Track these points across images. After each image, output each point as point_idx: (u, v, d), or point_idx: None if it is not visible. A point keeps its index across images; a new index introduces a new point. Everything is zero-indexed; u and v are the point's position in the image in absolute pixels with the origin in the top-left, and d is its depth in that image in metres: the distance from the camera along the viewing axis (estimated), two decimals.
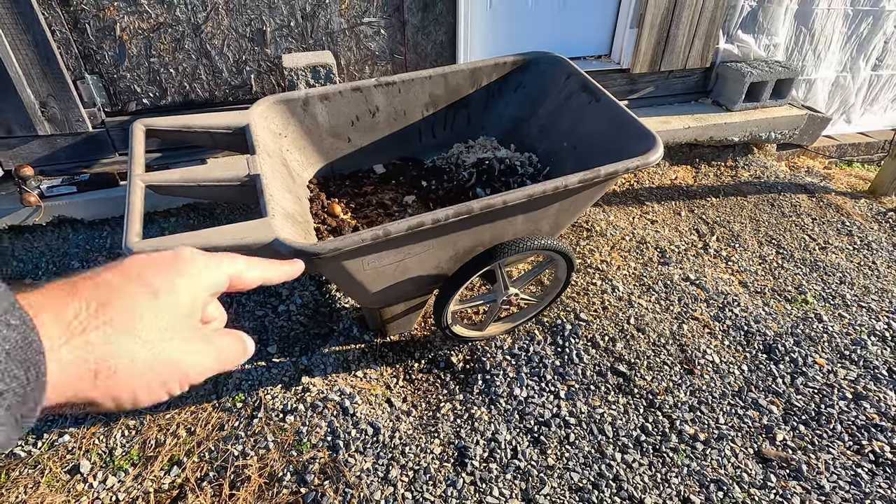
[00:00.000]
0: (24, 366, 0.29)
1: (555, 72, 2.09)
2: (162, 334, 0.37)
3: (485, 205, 1.43)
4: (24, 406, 0.30)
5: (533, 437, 1.69)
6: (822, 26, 3.25)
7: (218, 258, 0.43)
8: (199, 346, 0.39)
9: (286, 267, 0.50)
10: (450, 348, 1.96)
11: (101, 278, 0.37)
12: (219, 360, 0.41)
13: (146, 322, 0.36)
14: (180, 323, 0.38)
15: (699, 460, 1.66)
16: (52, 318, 0.32)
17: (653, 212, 2.71)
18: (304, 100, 1.86)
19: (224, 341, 0.42)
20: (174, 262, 0.40)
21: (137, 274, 0.38)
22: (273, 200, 1.44)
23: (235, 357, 0.43)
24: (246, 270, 0.45)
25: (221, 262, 0.43)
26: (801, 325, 2.15)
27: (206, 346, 0.40)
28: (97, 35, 2.08)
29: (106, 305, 0.35)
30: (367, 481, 1.53)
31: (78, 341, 0.33)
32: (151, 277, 0.38)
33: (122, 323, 0.35)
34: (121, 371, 0.34)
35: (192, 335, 0.39)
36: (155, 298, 0.37)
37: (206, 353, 0.40)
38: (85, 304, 0.34)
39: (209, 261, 0.42)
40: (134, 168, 1.45)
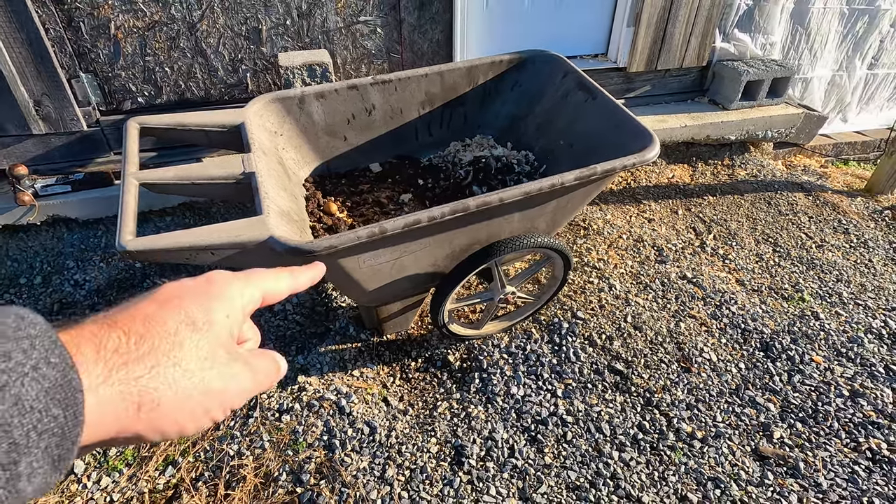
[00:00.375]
0: (62, 405, 0.29)
1: (551, 70, 2.08)
2: (202, 363, 0.37)
3: (481, 202, 1.42)
4: (62, 447, 0.29)
5: (530, 435, 1.68)
6: (819, 25, 3.25)
7: (249, 277, 0.44)
8: (238, 370, 0.39)
9: (311, 272, 0.50)
10: (446, 347, 1.96)
11: (138, 310, 0.37)
12: (256, 381, 0.41)
13: (186, 352, 0.36)
14: (219, 350, 0.38)
15: (696, 458, 1.65)
16: (92, 352, 0.32)
17: (650, 210, 2.71)
18: (300, 98, 1.85)
19: (260, 363, 0.42)
20: (208, 287, 0.40)
21: (174, 304, 0.38)
22: (268, 198, 1.43)
23: (271, 378, 0.43)
24: (275, 284, 0.46)
25: (253, 281, 0.44)
26: (797, 322, 2.15)
27: (244, 370, 0.40)
28: (91, 33, 2.07)
29: (145, 337, 0.35)
30: (364, 481, 1.53)
31: (119, 375, 0.33)
32: (189, 307, 0.38)
33: (162, 354, 0.35)
34: (164, 403, 0.34)
35: (231, 360, 0.39)
36: (194, 329, 0.37)
37: (244, 376, 0.40)
38: (124, 336, 0.34)
39: (243, 282, 0.43)
40: (128, 166, 1.44)
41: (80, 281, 2.11)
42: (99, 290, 2.07)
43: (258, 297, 0.44)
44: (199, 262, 1.31)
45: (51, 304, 2.01)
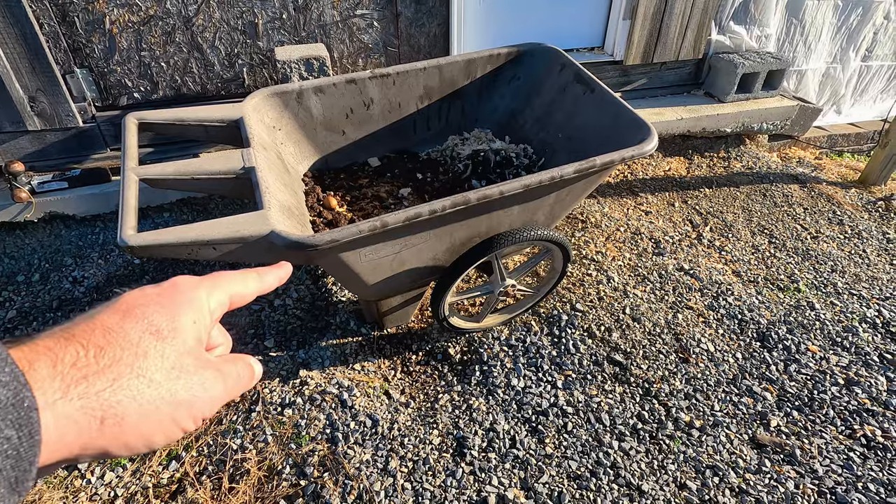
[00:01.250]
0: (15, 425, 0.28)
1: (549, 63, 2.09)
2: (168, 373, 0.35)
3: (482, 195, 1.43)
4: (18, 469, 0.28)
5: (531, 426, 1.70)
6: (813, 17, 3.27)
7: (216, 280, 0.43)
8: (208, 378, 0.38)
9: (278, 272, 0.49)
10: (447, 340, 1.97)
11: (97, 321, 0.35)
12: (227, 388, 0.40)
13: (150, 362, 0.35)
14: (186, 358, 0.37)
15: (695, 447, 1.68)
16: (47, 367, 0.31)
17: (647, 203, 2.73)
18: (299, 92, 1.85)
19: (231, 368, 0.41)
20: (173, 294, 0.39)
21: (137, 313, 0.36)
22: (269, 193, 1.43)
23: (243, 383, 0.42)
24: (243, 286, 0.45)
25: (220, 284, 0.43)
26: (793, 313, 2.17)
27: (213, 377, 0.39)
28: (86, 28, 2.06)
29: (105, 349, 0.33)
30: (367, 473, 1.54)
31: (79, 390, 0.31)
32: (152, 315, 0.37)
33: (125, 365, 0.33)
34: (129, 416, 0.33)
35: (199, 367, 0.38)
36: (159, 338, 0.36)
37: (214, 384, 0.38)
38: (83, 349, 0.33)
39: (209, 285, 0.42)
40: (127, 161, 1.44)
41: (78, 278, 2.10)
42: (98, 287, 2.07)
43: (226, 300, 0.43)
44: (200, 257, 1.31)
45: (49, 302, 2.00)
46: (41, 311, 1.97)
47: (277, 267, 0.50)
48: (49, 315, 1.96)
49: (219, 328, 0.45)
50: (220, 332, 0.46)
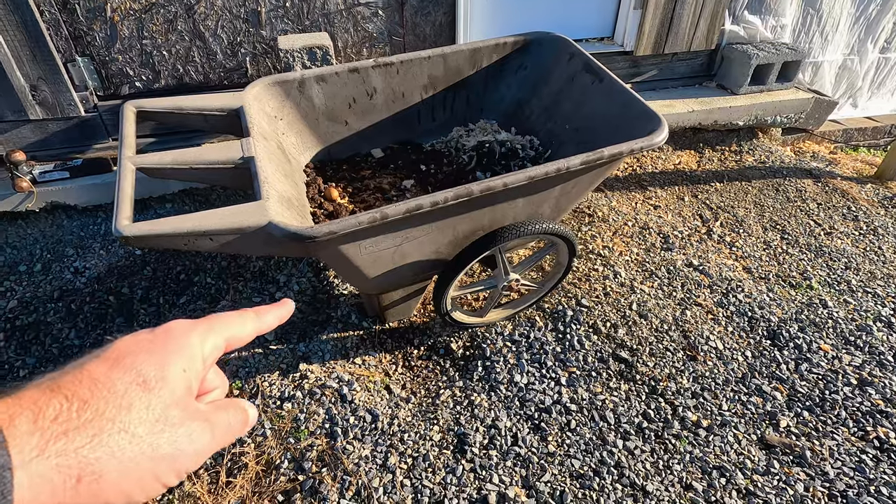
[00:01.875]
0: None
1: (557, 52, 2.03)
2: (152, 427, 0.34)
3: (485, 187, 1.39)
4: None
5: (533, 423, 1.67)
6: (830, 7, 3.17)
7: (212, 323, 0.42)
8: (194, 430, 0.37)
9: (278, 311, 0.48)
10: (449, 335, 1.94)
11: (85, 372, 0.34)
12: (216, 439, 0.39)
13: (135, 415, 0.34)
14: (173, 410, 0.36)
15: (702, 447, 1.64)
16: (28, 422, 0.30)
17: (656, 197, 2.67)
18: (300, 81, 1.81)
19: (222, 417, 0.40)
20: (165, 340, 0.38)
21: (126, 363, 0.35)
22: (268, 183, 1.40)
23: (234, 431, 0.41)
24: (240, 329, 0.44)
25: (216, 327, 0.42)
26: (805, 310, 2.12)
27: (201, 428, 0.37)
28: (87, 16, 2.03)
29: (89, 402, 0.32)
30: (366, 468, 1.52)
31: (57, 446, 0.30)
32: (141, 365, 0.36)
33: (107, 420, 0.32)
34: (107, 473, 0.32)
35: (186, 419, 0.37)
36: (145, 389, 0.35)
37: (201, 436, 0.37)
38: (66, 402, 0.32)
39: (204, 329, 0.41)
40: (124, 150, 1.41)
41: (80, 268, 2.09)
42: (99, 278, 2.06)
43: (221, 344, 0.42)
44: (197, 248, 1.29)
45: (51, 292, 2.00)
46: (42, 302, 1.96)
47: (278, 306, 0.48)
48: (50, 305, 1.95)
49: (215, 371, 0.44)
50: (216, 374, 0.45)
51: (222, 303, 1.98)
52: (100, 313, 1.94)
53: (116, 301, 1.98)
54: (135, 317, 1.94)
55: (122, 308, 1.96)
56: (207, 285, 2.04)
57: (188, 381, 0.38)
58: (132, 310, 1.95)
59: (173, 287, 2.03)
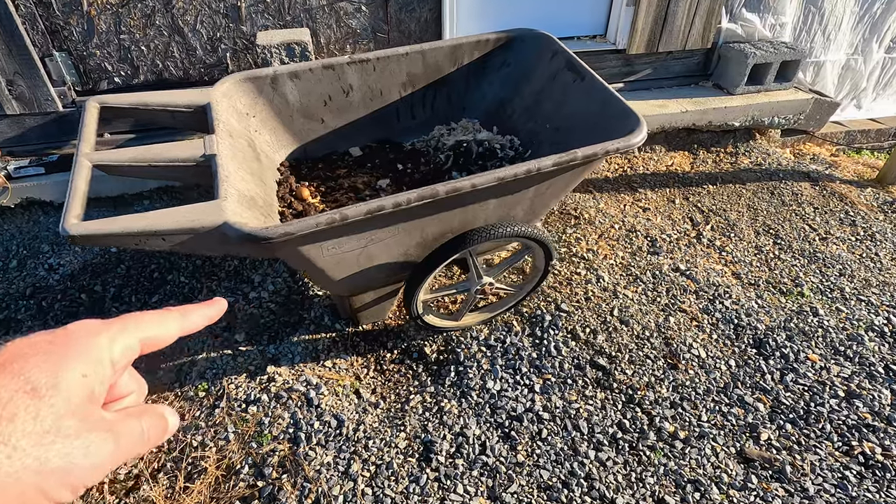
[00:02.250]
0: None
1: (540, 50, 1.98)
2: (40, 438, 0.31)
3: (451, 188, 1.35)
4: None
5: (503, 432, 1.62)
6: (833, 5, 3.08)
7: (125, 324, 0.38)
8: (93, 441, 0.33)
9: (208, 310, 0.44)
10: (424, 339, 1.89)
11: None
12: (120, 450, 0.35)
13: (18, 426, 0.30)
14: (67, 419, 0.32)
15: (677, 459, 1.58)
16: None
17: (645, 199, 2.61)
18: (273, 77, 1.77)
19: (132, 425, 0.36)
20: (65, 343, 0.34)
21: (14, 368, 0.32)
22: (227, 182, 1.37)
23: (150, 439, 0.37)
24: (159, 329, 0.40)
25: (129, 328, 0.38)
26: (795, 318, 2.05)
27: (102, 439, 0.34)
28: (63, 10, 2.01)
29: None
30: (327, 475, 1.48)
31: None
32: (31, 370, 0.32)
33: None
34: None
35: (84, 429, 0.33)
36: (34, 397, 0.31)
37: (101, 447, 0.34)
38: None
39: (116, 330, 0.37)
40: (82, 146, 1.38)
41: (54, 265, 2.07)
42: (73, 276, 2.04)
43: (135, 345, 0.38)
44: (150, 248, 1.26)
45: (24, 289, 1.98)
46: (14, 299, 1.94)
47: (207, 304, 0.44)
48: (21, 303, 1.93)
49: (130, 373, 0.41)
50: (130, 378, 0.41)
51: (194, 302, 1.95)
52: (70, 311, 1.92)
53: (88, 299, 1.96)
54: (106, 315, 1.91)
55: (94, 306, 1.94)
56: (181, 284, 2.02)
57: (89, 387, 0.34)
58: (103, 308, 1.93)
59: (146, 285, 2.01)
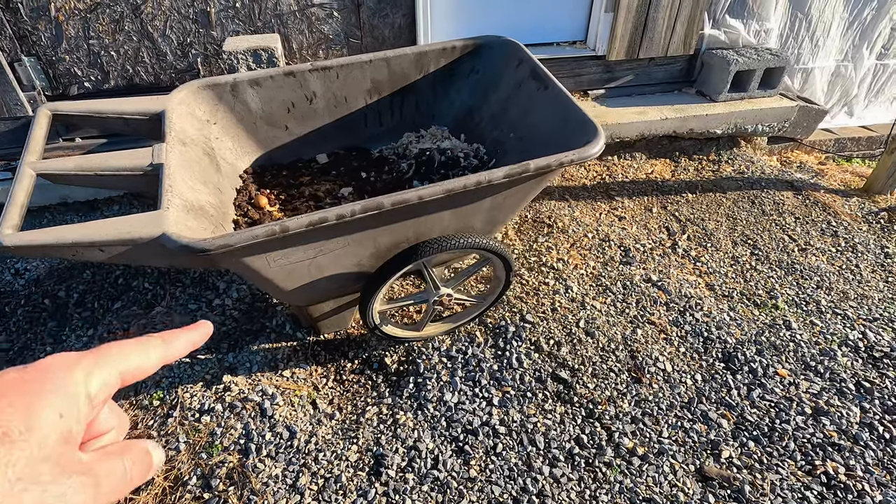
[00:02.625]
0: None
1: (507, 57, 1.96)
2: (13, 486, 0.28)
3: (397, 200, 1.32)
4: None
5: (458, 446, 1.60)
6: (821, 11, 3.04)
7: (102, 356, 0.35)
8: (70, 486, 0.31)
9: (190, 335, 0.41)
10: (385, 349, 1.87)
11: None
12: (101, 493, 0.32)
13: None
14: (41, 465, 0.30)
15: (633, 476, 1.55)
16: None
17: (622, 207, 2.57)
18: (233, 85, 1.76)
19: (114, 466, 0.34)
20: (38, 380, 0.32)
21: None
22: (171, 192, 1.35)
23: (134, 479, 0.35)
24: (140, 359, 0.37)
25: (107, 360, 0.35)
26: (766, 332, 2.01)
27: (80, 483, 0.31)
28: (31, 15, 2.01)
29: None
30: (274, 489, 1.46)
31: None
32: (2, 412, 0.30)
33: None
34: None
35: (60, 474, 0.30)
36: (5, 442, 0.29)
37: (79, 492, 0.31)
38: None
39: (91, 363, 0.34)
40: (27, 155, 1.38)
41: (20, 270, 2.08)
42: (38, 280, 2.03)
43: (114, 380, 0.35)
44: (87, 259, 1.24)
45: None
46: None
47: (191, 329, 0.42)
48: None
49: (111, 407, 0.38)
50: (111, 412, 0.38)
51: (157, 308, 1.95)
52: (33, 317, 1.91)
53: (52, 304, 1.96)
54: (68, 321, 1.91)
55: (57, 312, 1.93)
56: (144, 290, 2.01)
57: (66, 428, 0.32)
58: (66, 314, 1.93)
59: (110, 291, 2.00)
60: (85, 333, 1.87)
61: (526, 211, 2.51)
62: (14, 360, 1.78)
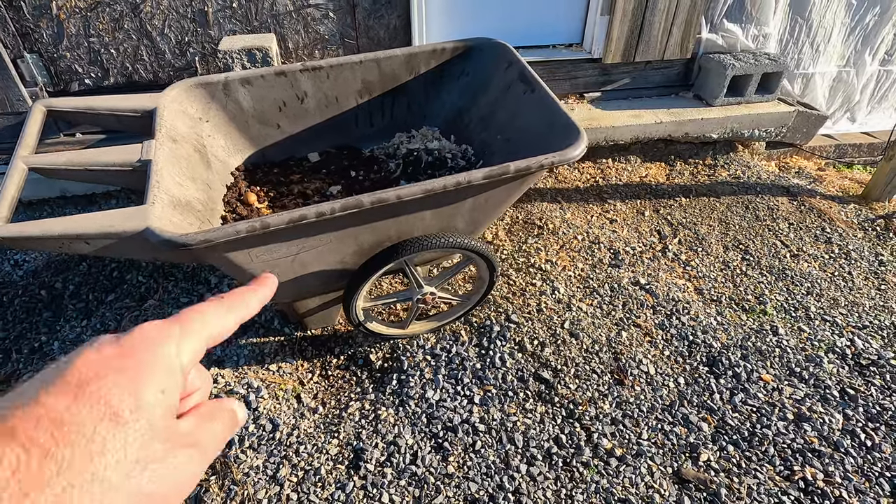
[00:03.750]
0: None
1: (497, 59, 1.97)
2: (130, 469, 0.28)
3: (376, 199, 1.35)
4: None
5: (437, 442, 1.62)
6: (822, 16, 3.02)
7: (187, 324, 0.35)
8: (181, 460, 0.31)
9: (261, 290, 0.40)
10: (371, 345, 1.90)
11: (41, 407, 0.27)
12: (205, 458, 0.33)
13: (109, 459, 0.28)
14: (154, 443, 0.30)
15: (610, 477, 1.56)
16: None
17: (614, 210, 2.58)
18: (225, 83, 1.80)
19: (209, 431, 0.34)
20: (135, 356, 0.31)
21: (92, 394, 0.28)
22: (158, 187, 1.39)
23: (225, 439, 0.36)
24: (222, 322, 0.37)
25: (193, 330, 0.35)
26: (753, 337, 2.01)
27: (188, 455, 0.31)
28: (33, 13, 2.06)
29: (51, 454, 0.26)
30: (254, 479, 1.49)
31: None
32: (110, 393, 0.29)
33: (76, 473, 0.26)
34: None
35: (170, 450, 0.31)
36: (118, 424, 0.28)
37: (189, 463, 0.31)
38: (24, 454, 0.26)
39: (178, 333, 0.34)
40: (19, 150, 1.42)
41: (20, 261, 2.13)
42: (36, 272, 2.09)
43: (201, 347, 0.35)
44: (74, 251, 1.28)
45: None
46: None
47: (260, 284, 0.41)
48: None
49: (197, 369, 0.38)
50: (197, 374, 0.38)
51: (149, 301, 1.99)
52: (29, 307, 1.96)
53: (48, 295, 2.00)
54: (63, 312, 1.96)
55: (52, 303, 1.98)
56: (138, 283, 2.05)
57: (168, 402, 0.31)
58: (61, 305, 1.98)
59: (105, 283, 2.05)
60: (79, 324, 1.92)
61: (517, 212, 2.53)
62: (9, 349, 1.83)
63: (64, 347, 1.83)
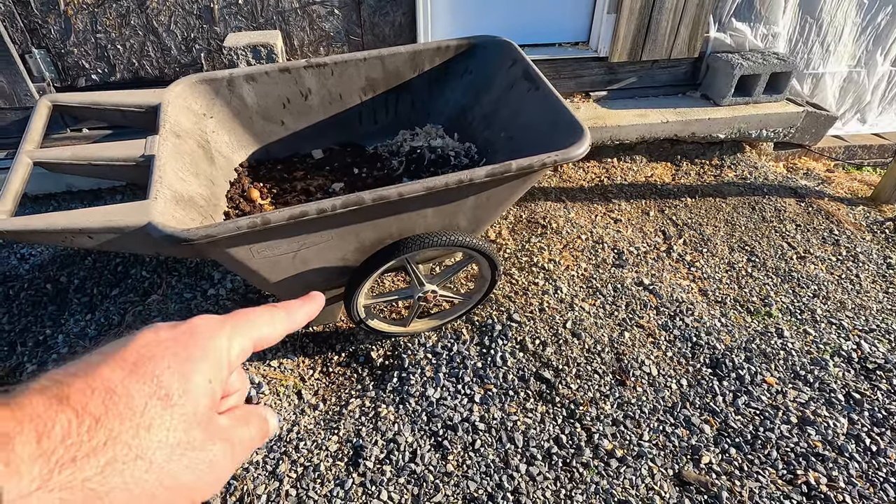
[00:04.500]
0: None
1: (501, 57, 1.96)
2: (172, 451, 0.29)
3: (377, 196, 1.35)
4: None
5: (436, 440, 1.62)
6: (832, 16, 2.98)
7: (238, 325, 0.36)
8: (216, 454, 0.31)
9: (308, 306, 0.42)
10: (372, 342, 1.90)
11: (99, 377, 0.28)
12: (235, 460, 0.34)
13: (154, 436, 0.28)
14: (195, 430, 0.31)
15: (610, 478, 1.55)
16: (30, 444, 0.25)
17: (619, 210, 2.56)
18: (229, 80, 1.80)
19: (243, 432, 0.35)
20: (189, 343, 0.32)
21: (147, 371, 0.30)
22: (161, 182, 1.39)
23: (254, 446, 0.36)
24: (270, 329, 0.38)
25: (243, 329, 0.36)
26: (757, 339, 1.99)
27: (222, 450, 0.32)
28: (41, 9, 2.07)
29: (102, 421, 0.27)
30: (254, 474, 1.50)
31: (62, 477, 0.25)
32: (163, 373, 0.30)
33: (122, 445, 0.27)
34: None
35: (208, 440, 0.31)
36: (167, 405, 0.29)
37: (221, 460, 0.32)
38: (76, 419, 0.26)
39: (230, 330, 0.35)
40: (25, 144, 1.43)
41: (26, 255, 2.15)
42: (42, 266, 2.10)
43: (249, 346, 0.36)
44: (77, 245, 1.29)
45: None
46: None
47: (307, 300, 0.43)
48: None
49: (238, 372, 0.39)
50: (237, 376, 0.39)
51: (153, 296, 2.00)
52: (35, 300, 1.98)
53: (53, 289, 2.02)
54: (67, 306, 1.97)
55: (57, 296, 2.00)
56: (142, 278, 2.07)
57: (213, 393, 0.32)
58: (66, 299, 1.99)
59: (109, 278, 2.06)
60: (83, 318, 1.93)
61: (521, 211, 2.52)
62: (14, 342, 1.85)
63: (68, 341, 1.85)
